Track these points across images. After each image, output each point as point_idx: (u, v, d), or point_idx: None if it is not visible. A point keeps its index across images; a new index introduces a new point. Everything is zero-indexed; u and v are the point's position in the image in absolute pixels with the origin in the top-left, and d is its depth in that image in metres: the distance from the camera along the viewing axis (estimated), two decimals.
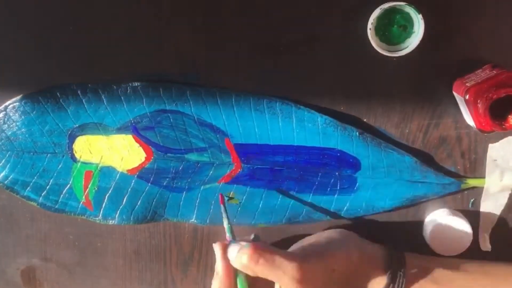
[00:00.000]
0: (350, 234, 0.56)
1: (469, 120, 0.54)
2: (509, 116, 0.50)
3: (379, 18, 0.53)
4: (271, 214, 0.59)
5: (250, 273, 0.49)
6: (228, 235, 0.52)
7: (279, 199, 0.59)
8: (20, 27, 0.55)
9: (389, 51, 0.53)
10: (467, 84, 0.51)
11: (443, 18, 0.54)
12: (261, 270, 0.48)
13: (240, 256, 0.48)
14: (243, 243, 0.49)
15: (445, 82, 0.55)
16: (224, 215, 0.54)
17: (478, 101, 0.50)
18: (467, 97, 0.50)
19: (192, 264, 0.62)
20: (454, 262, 0.55)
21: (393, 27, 0.54)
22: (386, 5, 0.52)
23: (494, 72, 0.51)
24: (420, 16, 0.52)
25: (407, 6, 0.52)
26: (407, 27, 0.54)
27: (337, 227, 0.59)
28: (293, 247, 0.54)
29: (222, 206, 0.55)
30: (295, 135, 0.57)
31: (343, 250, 0.53)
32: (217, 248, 0.51)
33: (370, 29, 0.53)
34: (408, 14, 0.53)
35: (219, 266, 0.50)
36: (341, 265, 0.51)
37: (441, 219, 0.57)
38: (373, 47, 0.53)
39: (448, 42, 0.55)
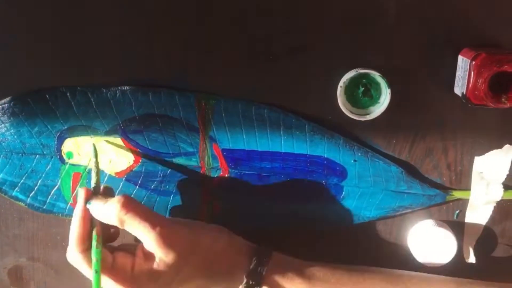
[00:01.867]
0: (224, 228, 0.56)
1: (459, 89, 0.54)
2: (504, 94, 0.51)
3: (352, 79, 0.54)
4: (257, 220, 0.59)
5: (116, 222, 0.49)
6: (93, 182, 0.52)
7: (266, 205, 0.59)
8: (10, 29, 0.56)
9: (351, 112, 0.55)
10: (480, 51, 0.52)
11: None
12: (129, 219, 0.48)
13: (113, 202, 0.49)
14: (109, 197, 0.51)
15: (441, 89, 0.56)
16: (93, 164, 0.53)
17: (482, 69, 0.50)
18: (474, 62, 0.51)
19: None
20: (320, 269, 0.54)
21: (359, 89, 0.55)
22: (361, 70, 0.53)
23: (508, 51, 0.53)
24: (389, 90, 0.53)
25: (379, 77, 0.53)
26: (372, 95, 0.55)
27: (322, 236, 0.59)
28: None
29: (93, 158, 0.54)
30: (282, 142, 0.57)
31: (214, 228, 0.54)
32: (81, 192, 0.51)
33: (340, 86, 0.54)
34: (378, 84, 0.54)
35: (78, 209, 0.50)
36: (208, 240, 0.52)
37: (426, 230, 0.57)
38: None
39: None
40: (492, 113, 0.56)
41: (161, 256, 0.49)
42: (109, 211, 0.49)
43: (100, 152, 0.58)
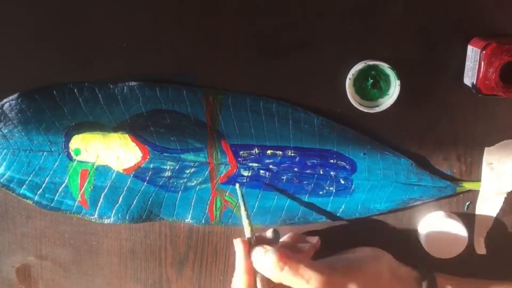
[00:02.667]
0: (383, 253, 0.55)
1: (469, 79, 0.54)
2: None
3: (360, 71, 0.54)
4: (266, 215, 0.59)
5: (273, 279, 0.48)
6: (248, 232, 0.51)
7: (275, 200, 0.59)
8: (17, 26, 0.55)
9: (360, 104, 0.55)
10: (490, 40, 0.51)
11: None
12: (285, 278, 0.47)
13: (265, 261, 0.48)
14: (268, 247, 0.48)
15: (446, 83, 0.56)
16: (243, 210, 0.53)
17: (493, 59, 0.50)
18: (484, 51, 0.50)
19: (187, 264, 0.62)
20: (486, 284, 0.54)
21: (368, 82, 0.55)
22: (370, 62, 0.53)
23: None
24: (398, 82, 0.53)
25: (389, 68, 0.53)
26: (382, 87, 0.55)
27: (333, 229, 0.59)
28: (324, 259, 0.53)
29: (241, 200, 0.54)
30: (291, 136, 0.57)
31: (373, 267, 0.52)
32: (239, 245, 0.50)
33: (349, 78, 0.54)
34: (387, 76, 0.54)
35: (242, 265, 0.49)
36: (369, 283, 0.50)
37: (436, 222, 0.57)
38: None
39: None
40: (502, 103, 0.56)
41: None
42: (267, 269, 0.48)
43: (108, 149, 0.58)
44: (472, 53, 0.53)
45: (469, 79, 0.53)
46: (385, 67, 0.53)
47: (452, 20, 0.54)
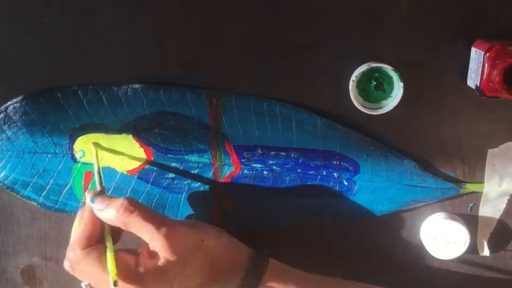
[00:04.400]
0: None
1: (472, 81, 0.54)
2: None
3: (364, 73, 0.54)
4: (270, 216, 0.59)
5: (120, 225, 0.50)
6: (98, 186, 0.53)
7: (278, 201, 0.59)
8: (22, 28, 0.55)
9: (363, 106, 0.55)
10: (493, 42, 0.51)
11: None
12: (134, 222, 0.49)
13: (115, 205, 0.49)
14: (115, 197, 0.51)
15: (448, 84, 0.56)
16: (95, 165, 0.55)
17: (497, 61, 0.50)
18: (488, 54, 0.51)
19: None
20: (314, 279, 0.55)
21: (371, 83, 0.55)
22: (373, 64, 0.53)
23: None
24: (401, 84, 0.53)
25: (392, 70, 0.53)
26: (385, 89, 0.55)
27: (336, 230, 0.59)
28: None
29: (94, 157, 0.55)
30: (294, 137, 0.57)
31: (215, 229, 0.55)
32: (89, 195, 0.51)
33: (352, 80, 0.54)
34: (391, 78, 0.54)
35: (86, 212, 0.51)
36: (211, 239, 0.52)
37: (439, 223, 0.57)
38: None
39: None
40: (506, 105, 0.56)
41: (166, 255, 0.49)
42: (111, 213, 0.50)
43: (112, 150, 0.58)
44: (476, 55, 0.53)
45: (472, 81, 0.53)
46: (388, 69, 0.53)
47: (455, 22, 0.54)
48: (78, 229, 0.51)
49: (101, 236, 0.51)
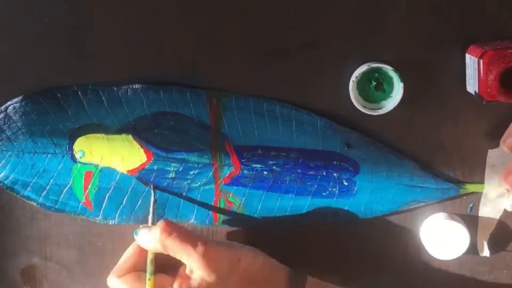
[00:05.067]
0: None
1: (471, 87, 0.54)
2: None
3: (364, 74, 0.54)
4: (269, 217, 0.59)
5: (161, 249, 0.50)
6: (150, 222, 0.55)
7: (278, 201, 0.59)
8: (21, 28, 0.55)
9: (363, 106, 0.55)
10: (486, 47, 0.51)
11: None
12: (172, 244, 0.50)
13: (153, 230, 0.51)
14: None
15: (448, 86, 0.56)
16: (151, 206, 0.56)
17: (491, 67, 0.50)
18: (482, 60, 0.50)
19: None
20: None
21: (371, 84, 0.55)
22: (373, 64, 0.53)
23: None
24: (401, 84, 0.53)
25: (392, 71, 0.53)
26: (385, 89, 0.55)
27: (336, 231, 0.59)
28: None
29: (152, 193, 0.57)
30: (294, 138, 0.57)
31: (251, 249, 0.55)
32: (136, 229, 0.54)
33: (353, 81, 0.54)
34: (391, 78, 0.54)
35: (131, 247, 0.54)
36: (247, 259, 0.53)
37: (439, 223, 0.57)
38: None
39: None
40: (506, 105, 0.55)
41: (203, 275, 0.50)
42: (153, 239, 0.51)
43: (113, 150, 0.58)
44: (471, 61, 0.53)
45: (471, 87, 0.53)
46: (388, 69, 0.53)
47: (455, 23, 0.54)
48: (121, 258, 0.55)
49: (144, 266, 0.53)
